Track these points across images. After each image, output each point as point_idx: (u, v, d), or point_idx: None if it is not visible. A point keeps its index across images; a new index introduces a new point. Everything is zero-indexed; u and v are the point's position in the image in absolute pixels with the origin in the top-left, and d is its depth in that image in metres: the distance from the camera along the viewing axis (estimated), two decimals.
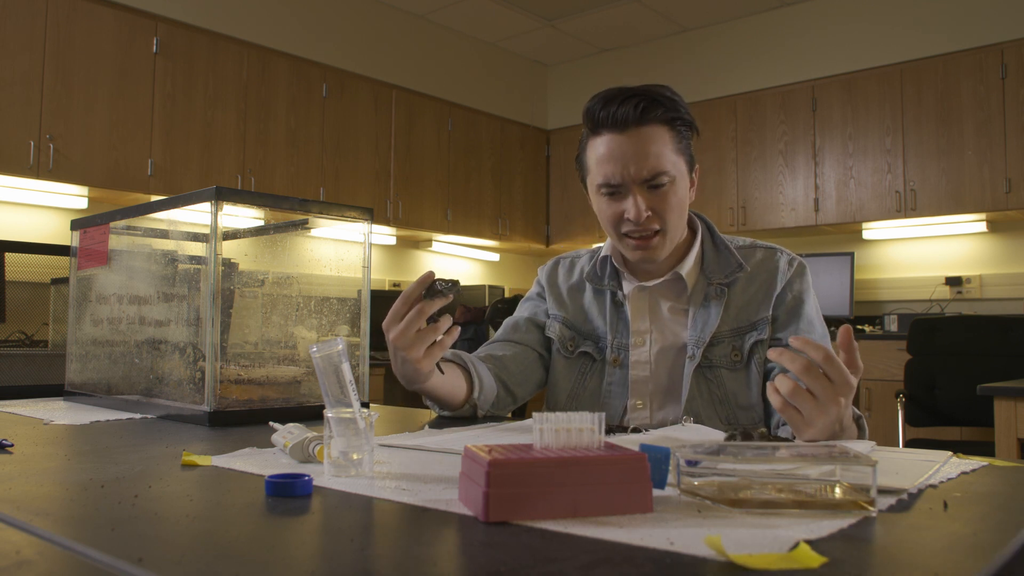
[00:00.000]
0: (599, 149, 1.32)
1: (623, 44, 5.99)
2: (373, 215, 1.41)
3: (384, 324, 1.12)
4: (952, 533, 0.57)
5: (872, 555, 0.52)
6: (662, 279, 1.41)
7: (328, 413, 0.77)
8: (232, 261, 1.34)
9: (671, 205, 1.32)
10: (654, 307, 1.42)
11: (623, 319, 1.43)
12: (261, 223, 1.48)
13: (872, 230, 5.00)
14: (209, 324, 1.21)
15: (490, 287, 5.49)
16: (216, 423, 1.18)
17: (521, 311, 1.56)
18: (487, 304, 5.01)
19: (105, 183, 3.88)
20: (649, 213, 1.31)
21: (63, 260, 1.77)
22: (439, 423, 1.25)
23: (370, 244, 1.40)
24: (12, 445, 0.93)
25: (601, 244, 1.58)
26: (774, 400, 0.93)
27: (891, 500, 0.66)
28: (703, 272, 1.41)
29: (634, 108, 1.28)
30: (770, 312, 1.37)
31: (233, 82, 4.41)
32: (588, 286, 1.50)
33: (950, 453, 0.90)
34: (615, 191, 1.32)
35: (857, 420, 1.11)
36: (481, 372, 1.34)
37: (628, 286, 1.44)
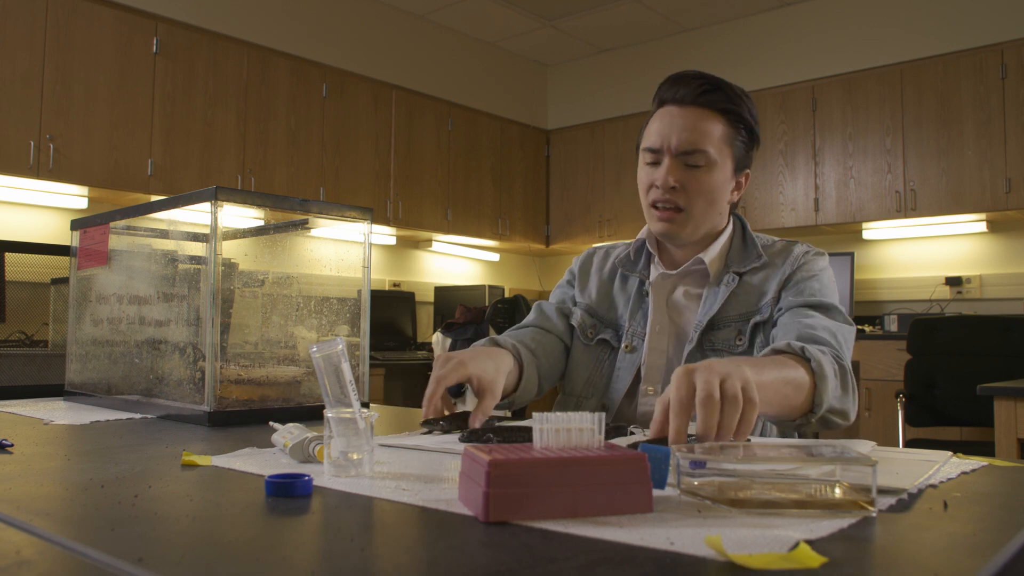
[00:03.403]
0: (654, 121, 1.37)
1: (623, 44, 5.99)
2: (373, 215, 1.41)
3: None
4: (952, 533, 0.57)
5: (872, 555, 0.52)
6: (684, 266, 1.42)
7: (328, 413, 0.77)
8: (232, 261, 1.34)
9: (700, 187, 1.33)
10: (673, 295, 1.44)
11: (644, 308, 1.44)
12: (261, 223, 1.48)
13: (872, 230, 5.00)
14: (209, 324, 1.21)
15: (490, 287, 5.49)
16: (216, 423, 1.18)
17: (552, 297, 1.58)
18: (487, 304, 5.01)
19: (105, 183, 3.88)
20: (676, 186, 1.32)
21: (63, 260, 1.77)
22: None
23: (370, 244, 1.40)
24: (12, 445, 0.93)
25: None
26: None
27: (891, 500, 0.66)
28: (727, 264, 1.42)
29: (696, 87, 1.33)
30: (776, 292, 1.36)
31: (233, 82, 4.40)
32: (618, 275, 1.51)
33: (950, 453, 0.90)
34: (654, 159, 1.36)
35: (842, 376, 1.13)
36: (530, 371, 1.36)
37: (655, 273, 1.45)
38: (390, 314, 5.14)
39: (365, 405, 1.30)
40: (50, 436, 1.05)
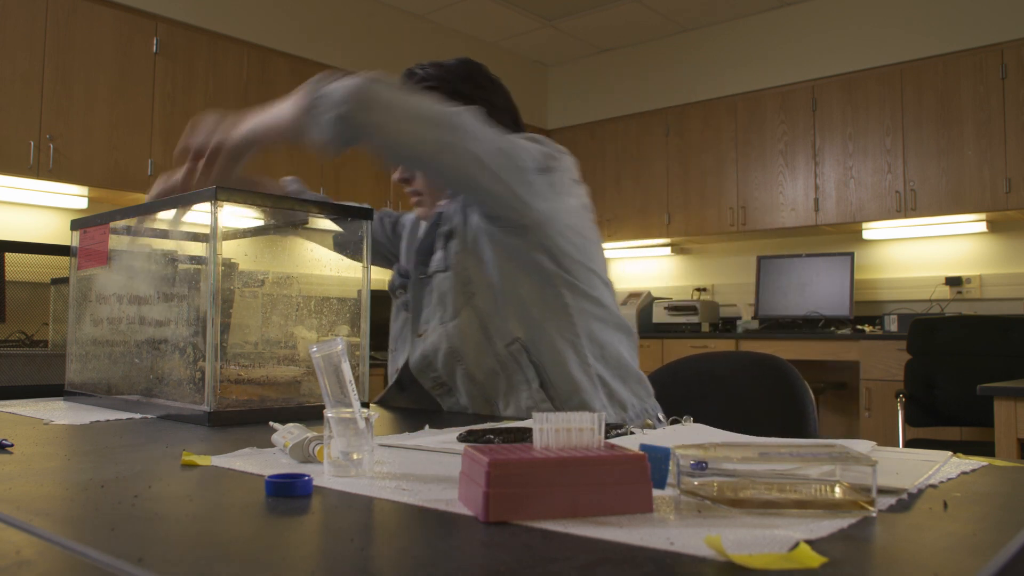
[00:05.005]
0: None
1: (623, 44, 5.99)
2: (373, 215, 1.41)
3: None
4: (952, 533, 0.57)
5: (872, 555, 0.52)
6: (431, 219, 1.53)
7: (328, 413, 0.77)
8: (232, 261, 1.34)
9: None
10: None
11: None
12: (261, 223, 1.48)
13: (872, 230, 5.00)
14: (209, 324, 1.21)
15: None
16: (216, 423, 1.18)
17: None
18: None
19: (105, 183, 3.88)
20: (407, 176, 1.49)
21: (63, 260, 1.77)
22: (439, 423, 1.25)
23: (370, 244, 1.40)
24: (12, 445, 0.93)
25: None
26: None
27: (891, 500, 0.66)
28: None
29: None
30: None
31: (233, 82, 4.41)
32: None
33: (950, 453, 0.90)
34: None
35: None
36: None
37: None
38: (390, 314, 5.13)
39: (365, 405, 1.30)
40: (50, 436, 1.05)
